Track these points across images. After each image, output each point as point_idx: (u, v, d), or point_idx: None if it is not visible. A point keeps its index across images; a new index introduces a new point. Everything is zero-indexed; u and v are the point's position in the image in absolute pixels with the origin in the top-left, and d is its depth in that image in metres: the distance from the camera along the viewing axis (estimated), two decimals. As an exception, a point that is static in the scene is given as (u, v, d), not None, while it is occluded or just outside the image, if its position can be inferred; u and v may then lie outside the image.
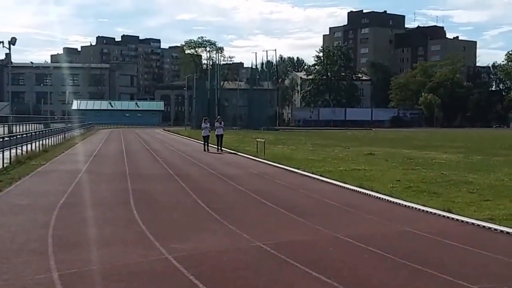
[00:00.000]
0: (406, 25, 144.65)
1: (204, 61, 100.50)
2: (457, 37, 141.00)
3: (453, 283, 4.97)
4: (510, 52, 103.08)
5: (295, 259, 5.65)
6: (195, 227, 7.43)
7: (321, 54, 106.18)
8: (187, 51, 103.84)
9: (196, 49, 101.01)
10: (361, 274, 5.31)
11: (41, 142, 22.18)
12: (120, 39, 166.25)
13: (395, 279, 5.15)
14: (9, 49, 37.16)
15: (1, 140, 15.57)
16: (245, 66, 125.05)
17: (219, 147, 23.27)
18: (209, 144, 23.67)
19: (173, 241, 6.41)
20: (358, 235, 6.89)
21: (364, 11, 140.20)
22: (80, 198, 9.88)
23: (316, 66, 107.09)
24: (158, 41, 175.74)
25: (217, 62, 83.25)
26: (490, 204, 9.11)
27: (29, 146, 19.31)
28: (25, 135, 20.00)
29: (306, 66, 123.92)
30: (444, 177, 12.93)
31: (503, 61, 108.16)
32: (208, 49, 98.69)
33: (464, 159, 19.19)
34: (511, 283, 5.12)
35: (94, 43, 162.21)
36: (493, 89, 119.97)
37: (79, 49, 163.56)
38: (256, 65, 77.54)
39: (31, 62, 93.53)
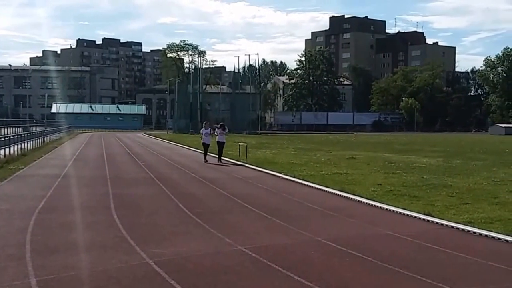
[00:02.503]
0: (387, 30, 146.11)
1: (186, 65, 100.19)
2: (437, 42, 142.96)
3: (433, 285, 5.02)
4: (488, 58, 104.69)
5: (277, 263, 5.64)
6: (176, 231, 7.38)
7: (303, 59, 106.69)
8: (169, 55, 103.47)
9: (178, 52, 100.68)
10: (343, 277, 5.33)
11: (19, 146, 21.80)
12: (101, 42, 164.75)
13: (376, 282, 5.18)
14: (-13, 51, 36.61)
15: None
16: (227, 70, 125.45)
17: (219, 157, 19.93)
18: (208, 153, 20.18)
19: (154, 245, 6.36)
20: (340, 238, 6.92)
21: (346, 16, 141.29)
22: (60, 203, 9.74)
23: (298, 71, 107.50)
24: (140, 44, 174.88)
25: (199, 65, 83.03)
26: (469, 208, 9.23)
27: (7, 150, 18.99)
28: (2, 139, 19.65)
29: (288, 70, 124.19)
30: (424, 181, 13.07)
31: (481, 67, 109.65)
32: (190, 52, 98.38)
33: (444, 163, 19.42)
34: (489, 285, 5.19)
35: (74, 46, 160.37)
36: (472, 94, 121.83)
37: (59, 52, 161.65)
38: (238, 69, 77.41)
39: (10, 65, 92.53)
